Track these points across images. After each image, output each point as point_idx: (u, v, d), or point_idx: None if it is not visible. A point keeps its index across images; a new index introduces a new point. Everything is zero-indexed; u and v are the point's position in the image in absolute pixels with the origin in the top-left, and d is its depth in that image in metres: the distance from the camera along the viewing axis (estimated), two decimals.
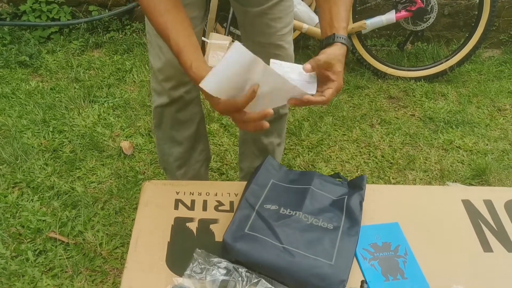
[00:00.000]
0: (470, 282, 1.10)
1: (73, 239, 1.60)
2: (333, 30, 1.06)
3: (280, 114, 1.53)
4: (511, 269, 1.17)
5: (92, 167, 1.93)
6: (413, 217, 1.30)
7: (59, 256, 1.53)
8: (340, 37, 1.04)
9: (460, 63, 2.69)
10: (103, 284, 1.46)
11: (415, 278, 1.15)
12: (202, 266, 0.99)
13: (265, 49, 1.36)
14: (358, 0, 2.74)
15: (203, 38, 2.79)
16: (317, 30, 2.68)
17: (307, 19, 2.68)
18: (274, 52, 1.36)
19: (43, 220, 1.66)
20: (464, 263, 1.17)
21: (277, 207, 1.10)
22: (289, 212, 1.09)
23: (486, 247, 1.24)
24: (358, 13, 2.74)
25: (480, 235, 1.28)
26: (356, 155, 2.09)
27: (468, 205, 1.37)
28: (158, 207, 1.30)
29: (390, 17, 2.61)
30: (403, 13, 2.59)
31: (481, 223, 1.32)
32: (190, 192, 1.35)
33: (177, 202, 1.32)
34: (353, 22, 2.68)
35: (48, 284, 1.45)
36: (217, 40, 2.79)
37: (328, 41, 1.06)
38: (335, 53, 1.04)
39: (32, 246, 1.58)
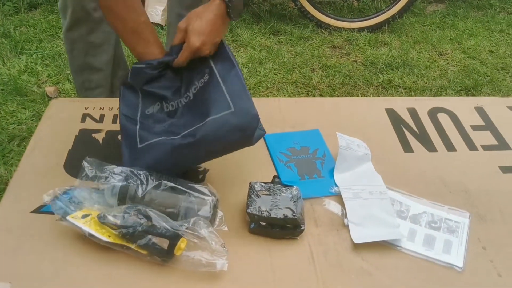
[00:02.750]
0: (390, 180, 1.07)
1: None
2: None
3: None
4: (431, 167, 1.15)
5: (13, 110, 1.82)
6: (335, 124, 1.26)
7: None
8: None
9: (401, 12, 2.68)
10: None
11: (331, 176, 1.11)
12: (94, 175, 0.88)
13: None
14: None
15: None
16: None
17: None
18: None
19: None
20: (385, 163, 1.14)
21: (159, 105, 1.01)
22: (172, 106, 1.01)
23: (407, 148, 1.22)
24: None
25: (402, 138, 1.25)
26: (294, 94, 2.05)
27: (391, 113, 1.34)
28: (62, 120, 1.22)
29: None
30: None
31: (403, 128, 1.29)
32: (100, 107, 1.28)
33: (85, 116, 1.24)
34: None
35: None
36: None
37: None
38: (195, 10, 0.97)
39: None
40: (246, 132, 0.92)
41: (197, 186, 0.84)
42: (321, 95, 2.05)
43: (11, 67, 2.11)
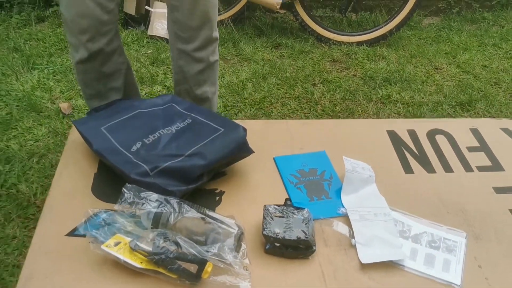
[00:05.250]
0: (392, 200, 1.16)
1: (6, 191, 1.57)
2: None
3: (211, 61, 1.51)
4: (430, 188, 1.24)
5: (29, 127, 1.90)
6: (340, 146, 1.35)
7: None
8: None
9: (398, 26, 2.78)
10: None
11: (338, 197, 1.20)
12: (132, 201, 0.97)
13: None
14: None
15: (146, 7, 2.79)
16: None
17: None
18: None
19: None
20: (387, 183, 1.23)
21: (141, 142, 1.12)
22: (154, 136, 1.14)
23: (408, 169, 1.31)
24: None
25: (403, 160, 1.34)
26: (297, 110, 2.14)
27: (392, 135, 1.43)
28: (85, 144, 1.30)
29: None
30: None
31: (404, 149, 1.38)
32: None
33: None
34: None
35: None
36: (161, 9, 2.78)
37: None
38: None
39: None
40: (240, 141, 1.13)
41: (226, 219, 0.93)
42: (323, 111, 2.14)
43: (24, 83, 2.19)
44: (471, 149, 1.40)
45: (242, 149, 1.16)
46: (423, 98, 2.28)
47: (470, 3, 3.27)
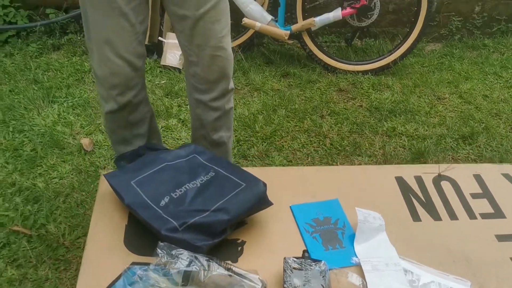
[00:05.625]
0: (401, 249, 1.25)
1: (36, 231, 1.67)
2: None
3: (227, 109, 1.58)
4: (436, 235, 1.33)
5: (53, 164, 1.99)
6: (352, 193, 1.45)
7: (23, 247, 1.60)
8: None
9: (402, 56, 2.88)
10: (67, 272, 1.54)
11: (352, 246, 1.29)
12: (166, 260, 1.06)
13: (205, 51, 1.41)
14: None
15: (160, 38, 2.89)
16: (270, 28, 2.82)
17: (260, 17, 2.81)
18: (214, 53, 1.42)
19: (6, 215, 1.72)
20: (396, 232, 1.32)
21: (168, 196, 1.21)
22: (181, 191, 1.22)
23: (415, 217, 1.40)
24: (307, 11, 2.89)
25: (410, 207, 1.43)
26: (307, 144, 2.23)
27: (400, 181, 1.52)
28: (114, 195, 1.39)
29: (336, 14, 2.77)
30: (349, 10, 2.75)
31: (411, 196, 1.47)
32: None
33: None
34: (303, 20, 2.83)
35: (13, 274, 1.52)
36: (174, 39, 2.89)
37: None
38: None
39: None
40: (261, 195, 1.22)
41: (250, 274, 1.02)
42: (331, 144, 2.24)
43: (46, 117, 2.28)
44: (474, 195, 1.49)
45: (262, 203, 1.25)
46: (426, 130, 2.37)
47: (472, 30, 3.37)
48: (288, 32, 2.82)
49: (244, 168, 1.35)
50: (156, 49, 2.91)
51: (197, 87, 1.52)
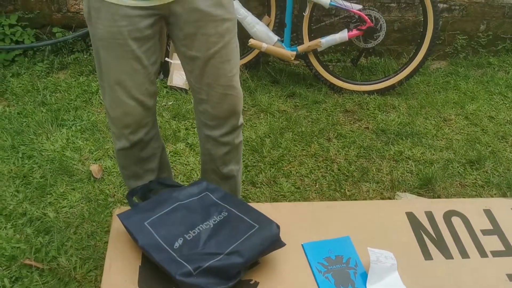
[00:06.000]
0: None
1: (47, 265, 1.68)
2: None
3: (236, 143, 1.59)
4: (448, 274, 1.34)
5: (63, 192, 2.00)
6: (363, 230, 1.45)
7: (35, 282, 1.61)
8: None
9: (408, 77, 2.89)
10: None
11: (364, 287, 1.30)
12: None
13: (215, 90, 1.42)
14: (314, 20, 2.90)
15: (166, 58, 2.90)
16: (277, 49, 2.83)
17: (266, 38, 2.82)
18: (225, 92, 1.43)
19: (17, 247, 1.73)
20: (408, 271, 1.33)
21: (182, 238, 1.22)
22: (194, 232, 1.23)
23: (427, 255, 1.41)
24: (313, 31, 2.90)
25: (422, 245, 1.44)
26: (314, 169, 2.24)
27: (411, 217, 1.53)
28: (127, 235, 1.40)
29: (343, 35, 2.78)
30: (355, 32, 2.76)
31: (422, 233, 1.48)
32: None
33: None
34: (309, 41, 2.85)
35: None
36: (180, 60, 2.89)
37: None
38: None
39: (8, 273, 1.65)
40: (274, 238, 1.23)
41: None
42: (339, 170, 2.25)
43: (54, 142, 2.30)
44: (485, 232, 1.49)
45: (275, 245, 1.27)
46: (433, 154, 2.38)
47: (477, 48, 3.39)
48: (295, 53, 2.83)
49: (255, 204, 1.36)
50: (162, 69, 2.92)
51: (206, 123, 1.53)
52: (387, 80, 2.91)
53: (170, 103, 2.72)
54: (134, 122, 1.43)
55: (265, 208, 1.41)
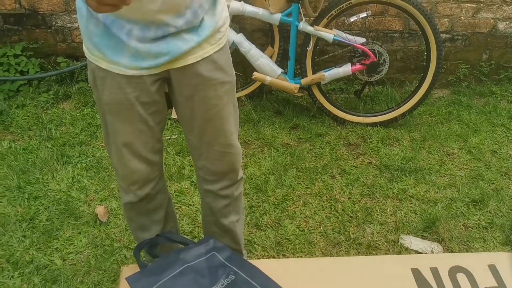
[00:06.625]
0: None
1: None
2: None
3: (235, 196, 1.61)
4: None
5: (69, 236, 2.01)
6: (369, 287, 1.47)
7: None
8: None
9: (411, 109, 2.91)
10: None
11: None
12: None
13: (214, 148, 1.44)
14: (317, 52, 2.92)
15: None
16: (281, 82, 2.84)
17: (270, 71, 2.84)
18: (223, 150, 1.45)
19: None
20: None
21: None
22: None
23: None
24: (317, 64, 2.92)
25: None
26: (318, 210, 2.25)
27: (416, 273, 1.54)
28: None
29: (346, 69, 2.80)
30: (358, 66, 2.78)
31: None
32: None
33: None
34: (312, 73, 2.86)
35: None
36: None
37: None
38: None
39: None
40: None
41: None
42: (343, 210, 2.26)
43: (60, 181, 2.31)
44: None
45: None
46: (437, 193, 2.39)
47: (479, 77, 3.40)
48: (298, 85, 2.85)
49: (262, 261, 1.36)
50: (166, 101, 2.93)
51: (206, 178, 1.55)
52: (390, 112, 2.93)
53: (175, 136, 2.74)
54: (142, 179, 1.45)
55: (271, 264, 1.42)
